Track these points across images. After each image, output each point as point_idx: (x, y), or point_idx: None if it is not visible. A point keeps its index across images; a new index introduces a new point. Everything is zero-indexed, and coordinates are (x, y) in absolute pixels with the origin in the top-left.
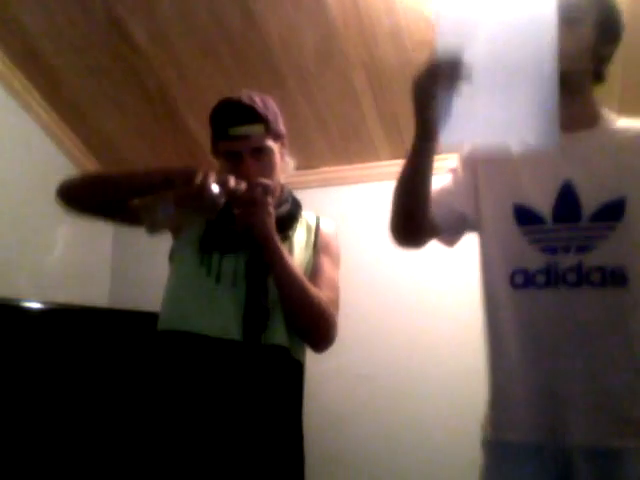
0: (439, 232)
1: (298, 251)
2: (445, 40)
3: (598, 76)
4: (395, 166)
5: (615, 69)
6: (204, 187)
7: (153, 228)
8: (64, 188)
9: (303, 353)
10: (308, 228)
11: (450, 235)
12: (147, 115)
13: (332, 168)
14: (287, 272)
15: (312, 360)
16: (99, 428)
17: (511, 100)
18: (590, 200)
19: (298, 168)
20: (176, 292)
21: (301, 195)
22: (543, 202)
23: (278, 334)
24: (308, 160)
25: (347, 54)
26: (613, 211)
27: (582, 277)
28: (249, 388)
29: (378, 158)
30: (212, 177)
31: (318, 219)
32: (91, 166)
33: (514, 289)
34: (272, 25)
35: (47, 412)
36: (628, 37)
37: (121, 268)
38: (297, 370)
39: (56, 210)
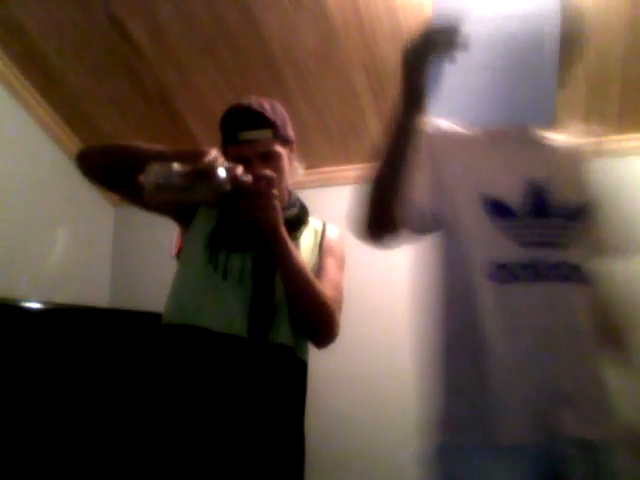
0: (411, 230)
1: (304, 253)
2: (442, 12)
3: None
4: None
5: (614, 73)
6: (212, 166)
7: (152, 194)
8: (82, 153)
9: (307, 353)
10: (315, 233)
11: (419, 233)
12: (147, 115)
13: (332, 168)
14: (293, 263)
15: (313, 361)
16: (99, 427)
17: (507, 78)
18: (558, 199)
19: None
20: (182, 287)
21: (301, 195)
22: (511, 195)
23: (283, 333)
24: (308, 160)
25: (347, 54)
26: (578, 213)
27: (559, 273)
28: (253, 385)
29: None
30: (221, 160)
31: (324, 225)
32: None
33: (493, 283)
34: (272, 25)
35: (48, 412)
36: (627, 42)
37: (121, 268)
38: (301, 369)
39: (56, 210)
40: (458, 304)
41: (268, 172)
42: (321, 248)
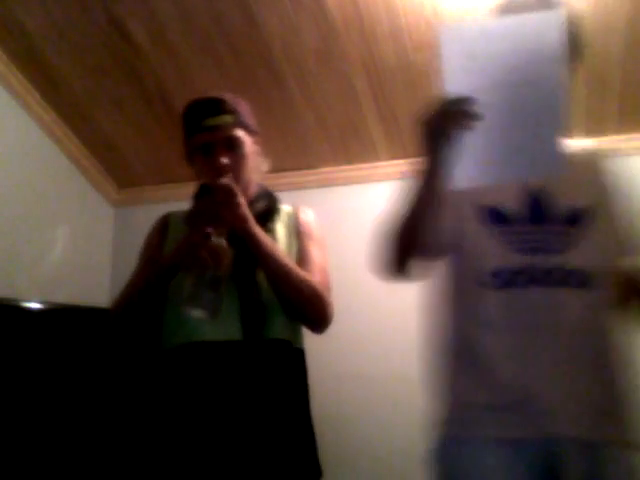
0: (431, 261)
1: (281, 243)
2: (453, 81)
3: None
4: (395, 166)
5: (614, 73)
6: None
7: (214, 314)
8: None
9: (303, 340)
10: (288, 219)
11: (436, 261)
12: (147, 115)
13: (332, 168)
14: (271, 256)
15: (315, 362)
16: (99, 428)
17: (518, 137)
18: (560, 204)
19: (298, 168)
20: (172, 310)
21: (301, 195)
22: (514, 203)
23: (277, 328)
24: (308, 160)
25: (347, 54)
26: (580, 217)
27: (558, 278)
28: (256, 385)
29: (378, 158)
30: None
31: (296, 209)
32: (91, 166)
33: (494, 289)
34: (272, 25)
35: (47, 412)
36: (627, 42)
37: (121, 268)
38: (300, 358)
39: (56, 210)
40: (461, 311)
41: (224, 181)
42: (298, 233)
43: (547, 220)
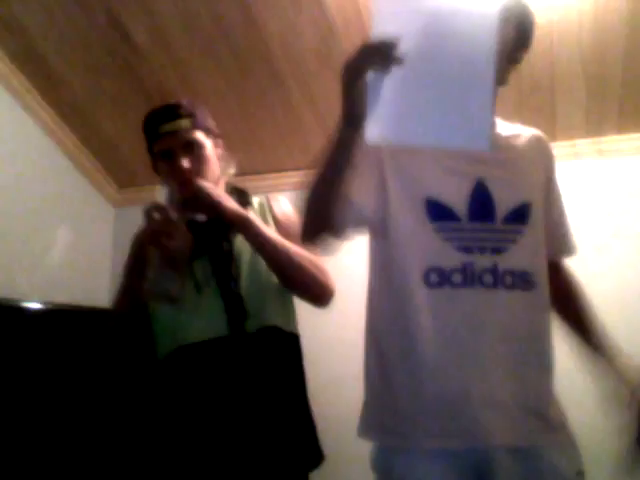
0: (344, 234)
1: None
2: (381, 26)
3: (503, 80)
4: None
5: (614, 73)
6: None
7: (180, 293)
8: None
9: (295, 324)
10: (260, 209)
11: (354, 233)
12: None
13: None
14: (269, 240)
15: (315, 364)
16: (100, 429)
17: (444, 100)
18: (502, 201)
19: (298, 168)
20: (158, 320)
21: (301, 195)
22: (456, 199)
23: (265, 315)
24: (308, 160)
25: (347, 54)
26: (521, 215)
27: (497, 279)
28: (251, 376)
29: None
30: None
31: (267, 199)
32: (91, 166)
33: (429, 288)
34: (272, 25)
35: (47, 413)
36: (627, 42)
37: (121, 268)
38: (292, 342)
39: (56, 210)
40: (391, 307)
41: (199, 184)
42: (276, 222)
43: (488, 218)
